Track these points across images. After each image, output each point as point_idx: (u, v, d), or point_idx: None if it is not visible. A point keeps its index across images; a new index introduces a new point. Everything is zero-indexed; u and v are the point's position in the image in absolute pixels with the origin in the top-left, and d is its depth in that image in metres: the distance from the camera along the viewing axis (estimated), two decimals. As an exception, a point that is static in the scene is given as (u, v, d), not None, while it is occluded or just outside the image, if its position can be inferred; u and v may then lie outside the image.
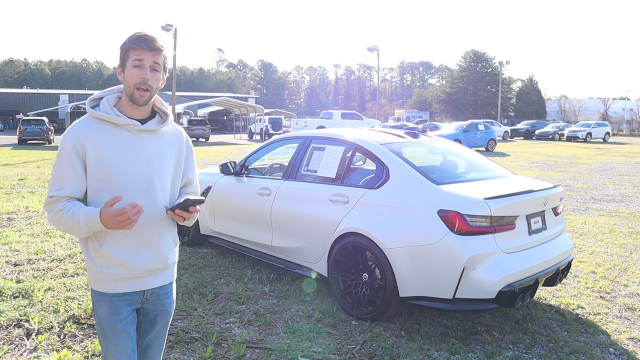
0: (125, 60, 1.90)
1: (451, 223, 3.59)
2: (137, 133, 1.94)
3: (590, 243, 6.66)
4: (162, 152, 2.01)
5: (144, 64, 1.88)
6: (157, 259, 2.02)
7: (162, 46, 1.92)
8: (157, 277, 2.05)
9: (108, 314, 1.97)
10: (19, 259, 5.47)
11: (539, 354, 3.55)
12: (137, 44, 1.87)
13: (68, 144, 1.88)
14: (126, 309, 1.99)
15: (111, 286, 1.96)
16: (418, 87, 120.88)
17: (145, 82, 1.88)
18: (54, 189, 1.88)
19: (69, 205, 1.86)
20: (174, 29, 34.16)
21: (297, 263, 4.70)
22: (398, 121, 47.77)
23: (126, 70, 1.89)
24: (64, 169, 1.88)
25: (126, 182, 1.90)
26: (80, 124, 1.92)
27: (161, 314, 2.13)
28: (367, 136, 4.65)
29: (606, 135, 39.55)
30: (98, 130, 1.90)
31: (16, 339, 3.59)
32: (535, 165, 18.06)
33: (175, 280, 2.19)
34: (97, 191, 1.90)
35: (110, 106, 1.93)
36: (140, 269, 1.98)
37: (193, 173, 2.18)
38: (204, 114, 49.22)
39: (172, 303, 2.17)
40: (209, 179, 5.76)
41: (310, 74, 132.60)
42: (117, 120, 1.90)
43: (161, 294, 2.10)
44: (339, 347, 3.59)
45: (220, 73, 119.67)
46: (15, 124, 51.49)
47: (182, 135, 2.13)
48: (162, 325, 2.16)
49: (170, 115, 2.07)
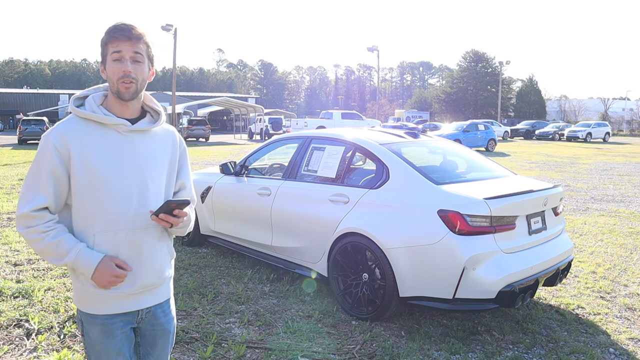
0: (105, 55, 1.72)
1: (451, 223, 3.59)
2: (126, 134, 1.76)
3: (590, 243, 6.66)
4: (155, 153, 1.83)
5: (123, 55, 1.69)
6: (151, 274, 1.82)
7: (141, 33, 1.72)
8: (152, 295, 1.86)
9: (101, 337, 1.78)
10: (19, 259, 5.47)
11: (539, 354, 3.55)
12: (114, 35, 1.69)
13: (50, 146, 1.67)
14: (120, 331, 1.80)
15: (102, 307, 1.76)
16: (418, 87, 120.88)
17: (128, 75, 1.70)
18: (29, 198, 1.67)
19: (55, 230, 1.68)
20: (174, 29, 34.18)
21: (297, 263, 4.70)
22: (398, 121, 47.77)
23: (107, 65, 1.72)
24: (43, 174, 1.67)
25: (116, 188, 1.72)
26: (64, 124, 1.73)
27: (160, 333, 1.92)
28: (367, 136, 4.65)
29: (606, 135, 39.54)
30: (84, 131, 1.71)
31: (16, 339, 3.59)
32: (535, 165, 18.06)
33: (172, 295, 2.01)
34: (82, 199, 1.71)
35: (96, 104, 1.75)
36: (133, 287, 1.78)
37: (187, 177, 1.98)
38: (204, 114, 49.18)
39: (171, 321, 1.96)
40: (209, 179, 5.76)
41: (310, 74, 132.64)
42: (104, 120, 1.73)
43: (158, 312, 1.90)
44: (339, 347, 3.59)
45: (220, 73, 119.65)
46: (15, 124, 51.51)
47: (176, 136, 1.95)
48: (163, 346, 1.95)
49: (162, 114, 1.89)
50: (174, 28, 34.22)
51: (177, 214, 1.73)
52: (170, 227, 1.77)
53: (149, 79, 1.80)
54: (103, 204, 1.71)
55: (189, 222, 1.87)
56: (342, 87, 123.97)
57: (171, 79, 34.68)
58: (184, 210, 1.76)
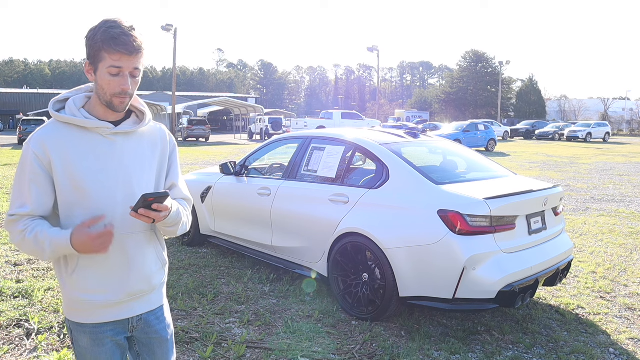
0: (98, 61, 1.61)
1: (451, 223, 3.59)
2: (110, 137, 1.69)
3: (590, 243, 6.66)
4: (142, 155, 1.76)
5: (123, 71, 1.61)
6: (139, 281, 1.75)
7: (140, 44, 1.62)
8: (142, 302, 1.79)
9: (90, 346, 1.74)
10: (19, 259, 5.47)
11: (539, 354, 3.55)
12: (115, 47, 1.57)
13: (30, 155, 1.63)
14: (110, 339, 1.75)
15: (88, 316, 1.72)
16: (418, 87, 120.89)
17: (126, 92, 1.64)
18: (15, 206, 1.64)
19: (31, 225, 1.62)
20: (174, 29, 34.16)
21: (297, 263, 4.70)
22: (398, 121, 47.82)
23: (100, 74, 1.62)
24: (26, 183, 1.64)
25: (100, 194, 1.66)
26: (43, 130, 1.67)
27: (157, 342, 1.86)
28: (367, 136, 4.65)
29: (606, 135, 39.54)
30: (64, 137, 1.65)
31: (16, 339, 3.59)
32: (535, 165, 18.06)
33: (166, 302, 1.94)
34: (69, 205, 1.66)
35: (77, 108, 1.68)
36: (120, 294, 1.72)
37: (176, 176, 1.89)
38: (204, 114, 49.19)
39: (166, 328, 1.89)
40: (209, 179, 5.76)
41: (310, 74, 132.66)
42: (85, 124, 1.65)
43: (150, 320, 1.84)
44: (339, 347, 3.59)
45: (220, 73, 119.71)
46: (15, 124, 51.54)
47: (165, 133, 1.87)
48: (162, 354, 1.89)
49: (147, 113, 1.80)
50: (174, 28, 34.20)
51: (156, 208, 1.60)
52: (153, 222, 1.64)
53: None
54: (88, 210, 1.65)
55: (176, 218, 1.75)
56: (342, 87, 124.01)
57: (171, 79, 34.70)
58: (165, 204, 1.63)
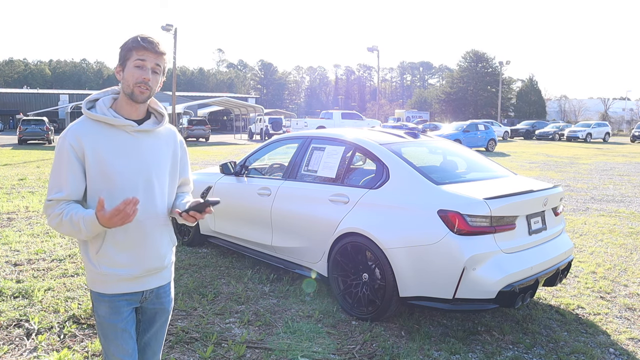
0: (127, 59, 1.90)
1: (451, 223, 3.59)
2: (134, 134, 1.96)
3: (590, 243, 6.66)
4: (159, 152, 2.03)
5: (145, 64, 1.89)
6: (155, 259, 2.03)
7: (164, 50, 1.95)
8: (156, 278, 2.08)
9: (108, 314, 1.99)
10: (19, 259, 5.47)
11: (539, 354, 3.55)
12: (142, 44, 1.88)
13: (66, 146, 1.88)
14: (126, 309, 2.01)
15: (111, 287, 1.97)
16: (418, 87, 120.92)
17: (146, 82, 1.90)
18: (53, 192, 1.88)
19: (67, 208, 1.86)
20: (174, 29, 34.18)
21: (297, 263, 4.70)
22: (398, 121, 47.81)
23: (127, 69, 1.90)
24: (63, 171, 1.88)
25: (125, 182, 1.91)
26: (77, 125, 1.92)
27: (160, 312, 2.15)
28: (367, 136, 4.65)
29: (606, 135, 39.53)
30: (95, 132, 1.91)
31: (16, 339, 3.59)
32: (535, 165, 18.06)
33: (173, 279, 2.22)
34: (96, 192, 1.90)
35: (106, 107, 1.94)
36: (140, 270, 1.99)
37: (188, 172, 2.24)
38: (204, 114, 49.20)
39: (170, 302, 2.20)
40: (209, 179, 5.76)
41: (310, 74, 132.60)
42: (113, 121, 1.91)
43: (160, 293, 2.12)
44: (339, 347, 3.59)
45: (220, 73, 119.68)
46: (15, 124, 51.51)
47: (176, 136, 2.16)
48: (160, 324, 2.17)
49: (165, 115, 2.08)
50: (174, 28, 34.21)
51: (207, 211, 1.93)
52: (194, 222, 1.98)
53: (157, 89, 1.99)
54: (113, 197, 1.88)
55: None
56: (342, 87, 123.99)
57: (171, 79, 34.66)
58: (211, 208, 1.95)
